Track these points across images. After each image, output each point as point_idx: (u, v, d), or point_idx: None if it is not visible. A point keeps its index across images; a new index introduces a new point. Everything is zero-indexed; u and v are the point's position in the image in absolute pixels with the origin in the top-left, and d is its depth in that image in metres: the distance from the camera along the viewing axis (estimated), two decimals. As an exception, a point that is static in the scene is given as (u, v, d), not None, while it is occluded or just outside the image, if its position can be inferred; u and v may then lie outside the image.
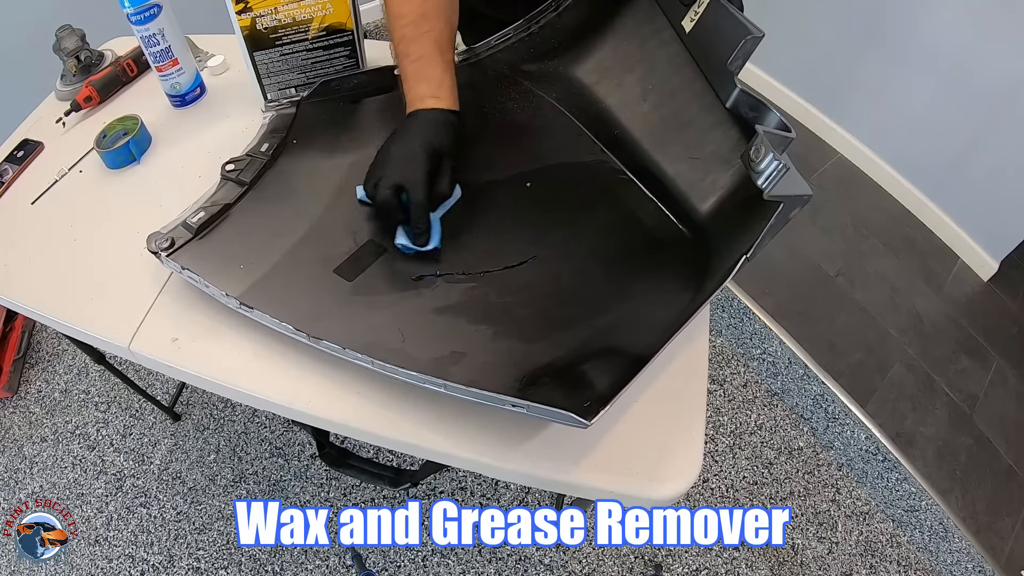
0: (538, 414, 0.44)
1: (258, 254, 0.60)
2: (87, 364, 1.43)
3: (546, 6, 0.74)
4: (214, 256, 0.59)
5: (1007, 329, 1.74)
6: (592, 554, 1.22)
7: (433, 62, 0.61)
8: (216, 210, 0.62)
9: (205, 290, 0.57)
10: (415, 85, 0.61)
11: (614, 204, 0.65)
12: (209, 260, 0.59)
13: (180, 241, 0.60)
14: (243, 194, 0.64)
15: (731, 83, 0.56)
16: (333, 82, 0.74)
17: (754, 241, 0.47)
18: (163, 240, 0.59)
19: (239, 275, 0.58)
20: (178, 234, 0.60)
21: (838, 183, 1.99)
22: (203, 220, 0.61)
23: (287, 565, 1.18)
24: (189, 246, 0.60)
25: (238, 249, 0.60)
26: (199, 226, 0.60)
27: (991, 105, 1.62)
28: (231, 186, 0.65)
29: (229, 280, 0.57)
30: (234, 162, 0.67)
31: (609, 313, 0.56)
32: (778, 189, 0.49)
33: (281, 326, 0.54)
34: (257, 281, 0.57)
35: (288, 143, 0.70)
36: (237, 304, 0.55)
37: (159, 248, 0.59)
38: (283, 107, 0.75)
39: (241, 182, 0.65)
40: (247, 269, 0.58)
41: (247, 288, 0.56)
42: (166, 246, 0.59)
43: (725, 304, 1.64)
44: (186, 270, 0.57)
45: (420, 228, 0.58)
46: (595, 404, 0.44)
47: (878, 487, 1.37)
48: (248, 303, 0.55)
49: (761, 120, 0.53)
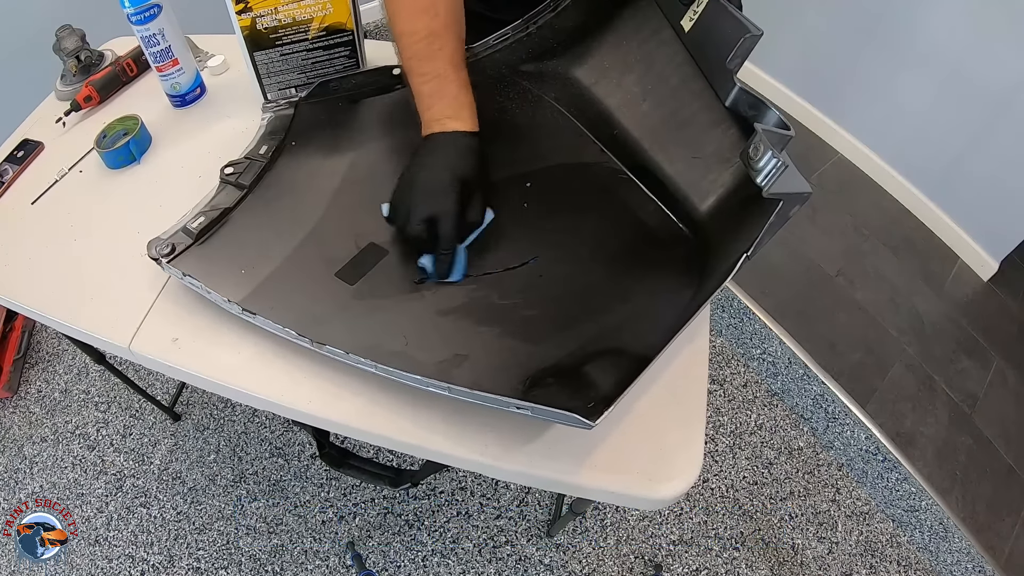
0: (543, 416, 0.44)
1: (259, 259, 0.59)
2: (87, 364, 1.43)
3: (544, 6, 0.73)
4: (215, 261, 0.59)
5: (1007, 329, 1.74)
6: (592, 554, 1.22)
7: (449, 81, 0.60)
8: (216, 214, 0.62)
9: (207, 296, 0.57)
10: (432, 105, 0.60)
11: (614, 204, 0.65)
12: (210, 265, 0.58)
13: (180, 247, 0.59)
14: (243, 198, 0.64)
15: (730, 82, 0.56)
16: (331, 82, 0.74)
17: (754, 239, 0.47)
18: (163, 246, 0.59)
19: (240, 280, 0.57)
20: (178, 240, 0.60)
21: (838, 183, 1.99)
22: (203, 225, 0.61)
23: (287, 565, 1.18)
24: (190, 252, 0.59)
25: (239, 254, 0.60)
26: (199, 231, 0.60)
27: (991, 105, 1.62)
28: (230, 190, 0.65)
29: (231, 286, 0.57)
30: (233, 165, 0.67)
31: (610, 313, 0.56)
32: (777, 187, 0.48)
33: (284, 332, 0.53)
34: (258, 286, 0.57)
35: (287, 145, 0.70)
36: (239, 310, 0.55)
37: (160, 254, 0.58)
38: (281, 108, 0.74)
39: (240, 185, 0.65)
40: (248, 274, 0.58)
41: (249, 293, 0.56)
42: (166, 252, 0.59)
43: (725, 304, 1.64)
44: (187, 276, 0.57)
45: (446, 259, 0.56)
46: (599, 405, 0.44)
47: (878, 487, 1.37)
48: (250, 309, 0.55)
49: (760, 118, 0.53)
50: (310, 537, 1.22)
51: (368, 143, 0.71)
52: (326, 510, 1.25)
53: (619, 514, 1.28)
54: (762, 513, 1.31)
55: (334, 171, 0.68)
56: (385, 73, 0.74)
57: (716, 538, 1.26)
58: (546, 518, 1.26)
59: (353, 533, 1.23)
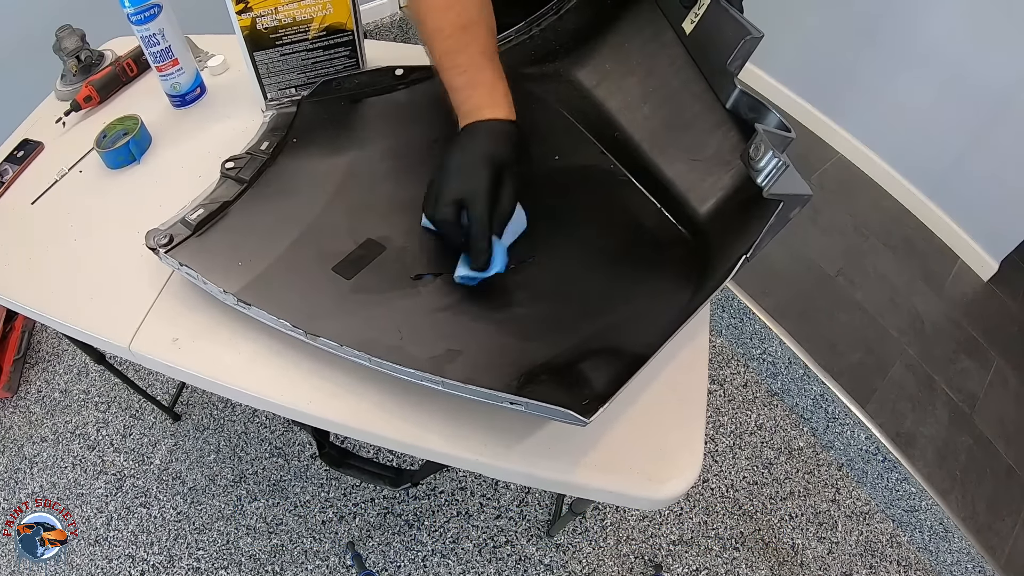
0: (536, 412, 0.44)
1: (257, 252, 0.59)
2: (87, 364, 1.43)
3: (547, 9, 0.73)
4: (212, 253, 0.59)
5: (1007, 329, 1.74)
6: (592, 554, 1.22)
7: (483, 70, 0.58)
8: (215, 207, 0.62)
9: (203, 287, 0.57)
10: (469, 97, 0.58)
11: (614, 206, 0.65)
12: (207, 257, 0.58)
13: (179, 238, 0.59)
14: (242, 192, 0.64)
15: (731, 84, 0.56)
16: (334, 82, 0.74)
17: (753, 241, 0.47)
18: (161, 236, 0.59)
19: (237, 272, 0.58)
20: (176, 231, 0.60)
21: (838, 183, 1.99)
22: (202, 217, 0.61)
23: (287, 565, 1.18)
24: (188, 243, 0.59)
25: (237, 246, 0.60)
26: (198, 223, 0.60)
27: (991, 105, 1.62)
28: (230, 184, 0.65)
29: (227, 277, 0.57)
30: (234, 160, 0.67)
31: (608, 313, 0.56)
32: (778, 187, 0.48)
33: (278, 323, 0.53)
34: (255, 278, 0.57)
35: (288, 142, 0.70)
36: (235, 300, 0.55)
37: (157, 244, 0.58)
38: (284, 106, 0.75)
39: (241, 180, 0.65)
40: (245, 266, 0.58)
41: (244, 285, 0.56)
42: (164, 242, 0.59)
43: (725, 304, 1.64)
44: (184, 266, 0.57)
45: (481, 246, 0.53)
46: (594, 402, 0.43)
47: (878, 487, 1.37)
48: (245, 300, 0.55)
49: (761, 120, 0.54)
50: (310, 537, 1.22)
51: (369, 143, 0.71)
52: (326, 510, 1.25)
53: (619, 514, 1.28)
54: (762, 513, 1.31)
55: (334, 169, 0.68)
56: (388, 74, 0.74)
57: (716, 538, 1.26)
58: (546, 518, 1.26)
59: (353, 533, 1.23)
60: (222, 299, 0.56)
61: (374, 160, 0.70)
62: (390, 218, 0.63)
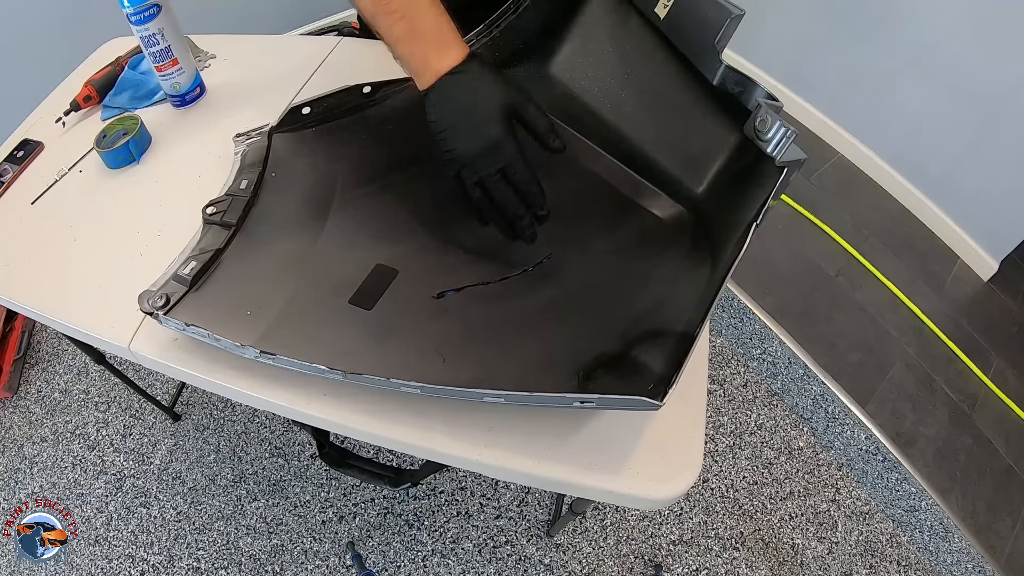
0: (607, 405, 0.45)
1: (263, 297, 0.56)
2: (87, 364, 1.43)
3: (504, 9, 0.71)
4: (216, 307, 0.55)
5: (1007, 329, 1.75)
6: (592, 554, 1.22)
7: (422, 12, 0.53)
8: (207, 257, 0.58)
9: (216, 344, 0.53)
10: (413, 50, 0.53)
11: (612, 195, 0.65)
12: (212, 311, 0.54)
13: (175, 296, 0.55)
14: (232, 237, 0.60)
15: (716, 61, 0.57)
16: (300, 107, 0.71)
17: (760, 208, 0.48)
18: (157, 298, 0.54)
19: (249, 322, 0.54)
20: (171, 289, 0.56)
21: (838, 183, 1.99)
22: (196, 270, 0.56)
23: (287, 565, 1.18)
24: (186, 300, 0.55)
25: (240, 295, 0.57)
26: (193, 277, 0.56)
27: (991, 105, 1.62)
28: (217, 230, 0.61)
29: (240, 329, 0.53)
30: (214, 204, 0.62)
31: (638, 300, 0.56)
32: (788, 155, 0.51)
33: (312, 368, 0.50)
34: (270, 325, 0.54)
35: (267, 176, 0.66)
36: (256, 353, 0.51)
37: (154, 308, 0.54)
38: (253, 140, 0.70)
39: (227, 224, 0.61)
40: (255, 315, 0.55)
41: (261, 334, 0.53)
42: (161, 304, 0.54)
43: (725, 304, 1.64)
44: (191, 326, 0.53)
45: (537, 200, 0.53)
46: (659, 385, 0.44)
47: (878, 487, 1.37)
48: (269, 350, 0.51)
49: (748, 94, 0.55)
50: (310, 537, 1.22)
51: (350, 166, 0.68)
52: (326, 510, 1.25)
53: (619, 514, 1.28)
54: (762, 513, 1.31)
55: (321, 198, 0.65)
56: (355, 92, 0.71)
57: (716, 538, 1.26)
58: (546, 518, 1.26)
59: (353, 533, 1.23)
60: (239, 353, 0.52)
61: (359, 183, 0.67)
62: (392, 239, 0.61)
